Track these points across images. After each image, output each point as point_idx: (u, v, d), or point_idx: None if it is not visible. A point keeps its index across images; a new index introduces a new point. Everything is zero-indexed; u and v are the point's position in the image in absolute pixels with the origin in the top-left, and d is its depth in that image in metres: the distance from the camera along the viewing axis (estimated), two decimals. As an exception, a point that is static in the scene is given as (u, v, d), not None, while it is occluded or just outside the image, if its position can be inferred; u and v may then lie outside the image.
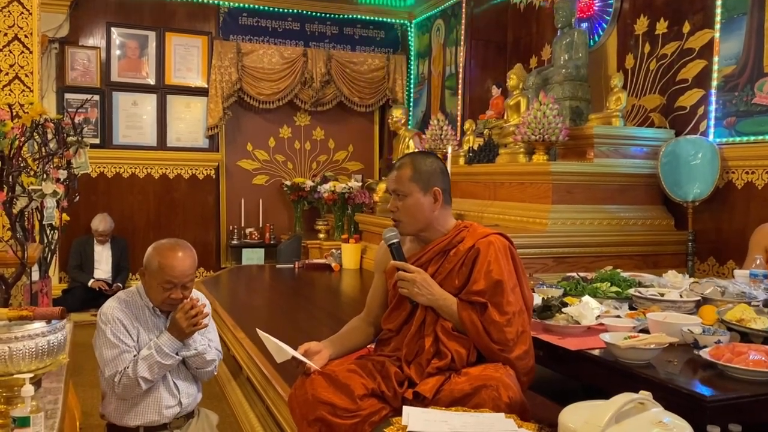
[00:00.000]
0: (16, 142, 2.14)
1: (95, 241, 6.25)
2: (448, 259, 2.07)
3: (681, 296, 2.58)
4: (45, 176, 2.20)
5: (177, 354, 2.26)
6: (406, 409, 1.68)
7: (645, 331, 2.24)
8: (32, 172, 2.41)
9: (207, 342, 2.37)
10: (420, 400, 1.89)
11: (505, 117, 5.43)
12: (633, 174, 4.59)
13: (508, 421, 1.61)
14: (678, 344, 2.05)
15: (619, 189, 4.57)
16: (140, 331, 2.28)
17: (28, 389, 1.80)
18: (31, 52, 4.01)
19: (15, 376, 1.86)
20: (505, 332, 1.93)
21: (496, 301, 1.95)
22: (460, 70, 6.90)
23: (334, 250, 6.38)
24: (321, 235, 7.08)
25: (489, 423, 1.58)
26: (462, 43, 6.89)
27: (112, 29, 6.93)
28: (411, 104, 8.00)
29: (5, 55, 3.95)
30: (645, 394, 1.54)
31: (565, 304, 2.40)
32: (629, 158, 4.64)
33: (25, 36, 4.00)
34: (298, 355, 1.96)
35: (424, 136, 6.23)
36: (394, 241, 2.09)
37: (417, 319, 2.06)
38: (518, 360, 1.95)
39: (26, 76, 4.01)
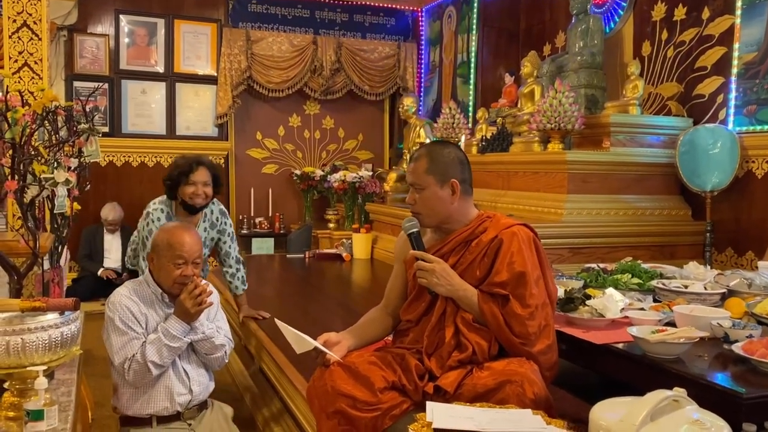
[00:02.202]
0: (27, 130, 2.09)
1: (105, 230, 6.22)
2: (469, 249, 2.02)
3: (705, 288, 2.52)
4: (56, 164, 2.15)
5: (185, 337, 2.24)
6: (429, 404, 1.63)
7: (671, 324, 2.17)
8: (43, 161, 2.36)
9: (215, 328, 2.35)
10: (441, 395, 1.85)
11: (519, 105, 5.35)
12: (650, 163, 4.52)
13: (536, 417, 1.56)
14: (707, 338, 1.99)
15: (635, 178, 4.50)
16: (148, 319, 2.26)
17: (42, 382, 1.77)
18: (40, 39, 3.96)
19: (28, 368, 1.83)
20: (527, 325, 1.88)
21: (518, 294, 1.91)
22: (472, 58, 6.80)
23: (344, 240, 6.33)
24: (331, 225, 7.03)
25: (517, 419, 1.53)
26: (474, 30, 6.79)
27: (121, 17, 6.86)
28: (422, 92, 7.92)
29: (14, 42, 3.91)
30: (679, 391, 1.48)
31: (588, 297, 2.34)
32: (646, 147, 4.56)
33: (34, 23, 3.95)
34: (319, 345, 1.93)
35: (435, 125, 6.16)
36: (414, 230, 2.05)
37: (437, 311, 2.02)
38: (541, 354, 1.90)
39: (35, 63, 3.96)
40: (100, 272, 5.96)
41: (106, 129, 6.80)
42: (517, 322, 1.89)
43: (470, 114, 6.70)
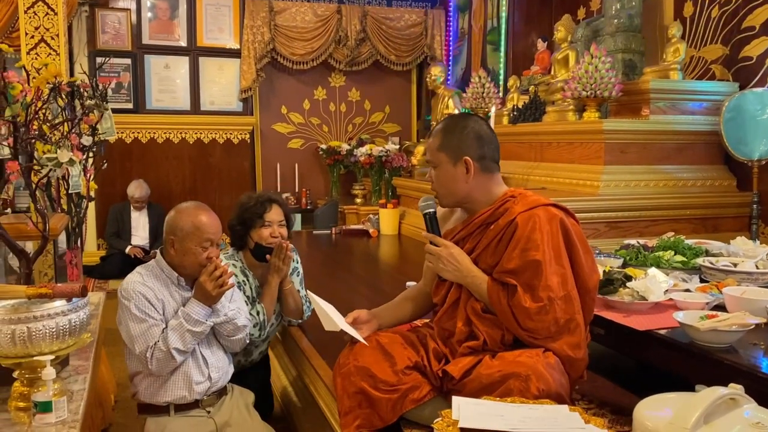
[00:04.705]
0: (32, 108, 1.98)
1: (132, 208, 6.21)
2: (487, 234, 1.87)
3: (757, 267, 2.33)
4: (62, 143, 2.05)
5: (207, 320, 2.15)
6: (456, 399, 1.51)
7: (720, 307, 2.01)
8: (53, 140, 2.26)
9: (236, 308, 2.26)
10: (449, 379, 1.78)
11: (552, 72, 5.11)
12: (692, 131, 4.26)
13: (573, 415, 1.42)
14: (763, 325, 1.82)
15: (676, 148, 4.25)
16: (165, 304, 2.17)
17: (50, 372, 1.69)
18: (56, 14, 3.87)
19: (36, 357, 1.76)
20: (536, 321, 1.72)
21: (530, 284, 1.74)
22: (503, 24, 6.53)
23: (371, 216, 6.21)
24: (358, 200, 6.92)
25: (552, 418, 1.40)
26: (504, -6, 6.51)
27: (142, -10, 6.76)
28: (450, 61, 7.68)
29: (30, 17, 3.82)
30: (736, 388, 1.33)
31: (629, 278, 2.17)
32: (688, 114, 4.30)
33: (49, -3, 3.86)
34: (347, 327, 1.90)
35: (464, 95, 5.95)
36: (429, 210, 1.95)
37: (450, 298, 1.92)
38: (560, 352, 1.72)
39: (52, 38, 3.87)
40: (127, 250, 5.96)
41: (130, 105, 6.75)
42: (524, 316, 1.73)
43: (501, 83, 6.47)
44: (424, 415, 1.80)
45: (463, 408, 1.44)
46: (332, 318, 1.91)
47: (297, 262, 2.85)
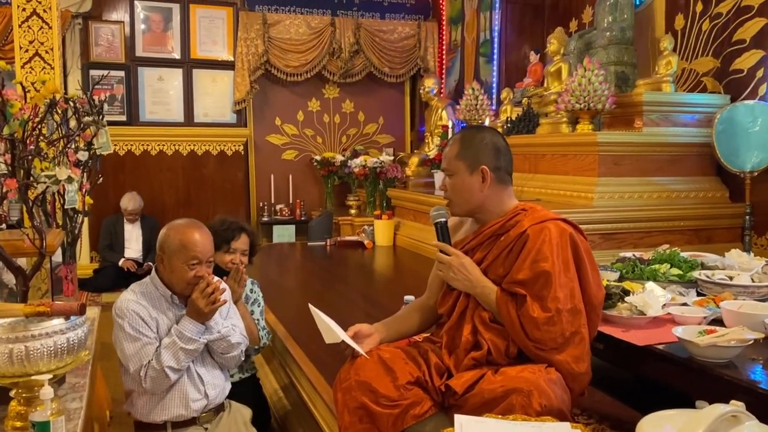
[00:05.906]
0: (30, 124, 1.98)
1: (125, 221, 6.19)
2: (497, 245, 1.89)
3: (753, 280, 2.34)
4: (60, 160, 2.04)
5: (200, 338, 2.14)
6: (458, 418, 1.50)
7: (717, 321, 2.02)
8: (49, 156, 2.26)
9: (231, 326, 2.25)
10: (451, 394, 1.77)
11: (545, 84, 5.15)
12: (685, 143, 4.30)
13: (575, 432, 1.42)
14: (761, 340, 1.82)
15: (669, 159, 4.30)
16: (159, 323, 2.15)
17: (48, 391, 1.67)
18: (50, 28, 3.86)
19: (34, 376, 1.74)
20: (543, 331, 1.73)
21: (540, 295, 1.76)
22: (496, 36, 6.58)
23: (366, 227, 6.21)
24: (352, 211, 6.92)
25: (554, 436, 1.40)
26: (497, 6, 6.56)
27: (136, 2, 6.77)
28: (443, 73, 7.71)
29: (24, 32, 3.81)
30: (737, 405, 1.33)
31: (627, 292, 2.18)
32: (680, 126, 4.34)
33: (44, 11, 3.85)
34: (348, 340, 1.88)
35: (457, 107, 5.98)
36: (440, 220, 1.97)
37: (458, 307, 1.93)
38: (564, 364, 1.73)
39: (46, 52, 3.86)
40: (120, 263, 5.93)
41: (123, 117, 6.74)
42: (532, 326, 1.74)
43: (494, 95, 6.50)
44: (426, 431, 1.79)
45: (466, 426, 1.43)
46: (333, 330, 1.90)
47: (258, 294, 2.82)
